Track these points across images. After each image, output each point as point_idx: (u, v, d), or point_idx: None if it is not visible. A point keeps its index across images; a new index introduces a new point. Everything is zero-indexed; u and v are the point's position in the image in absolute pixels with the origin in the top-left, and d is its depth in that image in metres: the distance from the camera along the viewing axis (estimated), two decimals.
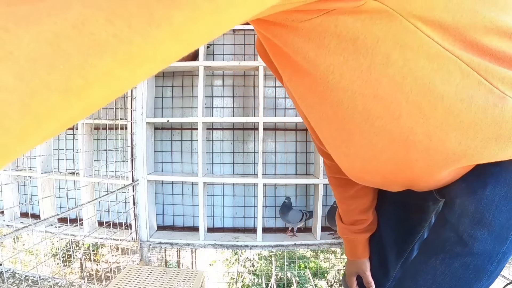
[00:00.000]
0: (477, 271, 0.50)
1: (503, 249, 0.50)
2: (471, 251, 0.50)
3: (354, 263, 0.78)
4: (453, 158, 0.45)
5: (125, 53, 0.17)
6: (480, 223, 0.49)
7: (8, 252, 2.26)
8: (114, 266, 1.80)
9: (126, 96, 1.74)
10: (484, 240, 0.49)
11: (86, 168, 1.80)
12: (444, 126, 0.42)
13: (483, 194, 0.49)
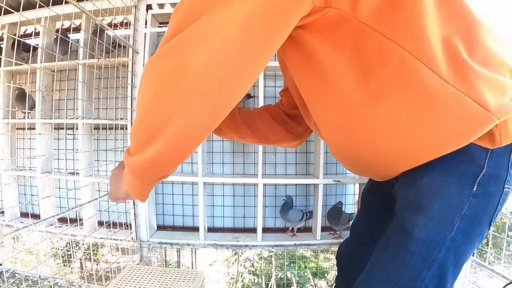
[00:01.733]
0: (424, 259, 0.51)
1: (450, 236, 0.50)
2: (413, 238, 0.51)
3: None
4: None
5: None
6: (418, 210, 0.51)
7: (8, 252, 2.26)
8: (114, 266, 1.79)
9: (126, 96, 1.74)
10: (424, 226, 0.51)
11: (86, 168, 1.80)
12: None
13: (420, 183, 0.51)
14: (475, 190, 0.50)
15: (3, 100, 1.96)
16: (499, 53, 0.50)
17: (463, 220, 0.50)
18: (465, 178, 0.50)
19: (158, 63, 0.41)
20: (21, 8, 1.09)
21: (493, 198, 0.51)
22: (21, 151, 2.16)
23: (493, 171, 0.50)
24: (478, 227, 0.52)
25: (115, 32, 1.64)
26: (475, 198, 0.50)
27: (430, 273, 0.51)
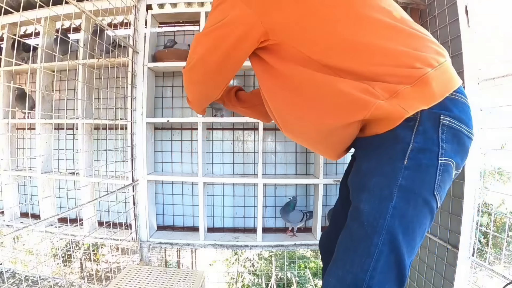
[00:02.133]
0: (373, 226, 0.60)
1: (392, 204, 0.59)
2: (361, 211, 0.62)
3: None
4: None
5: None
6: (362, 189, 0.63)
7: (8, 252, 2.26)
8: (114, 266, 1.79)
9: (126, 96, 1.74)
10: (368, 200, 0.61)
11: (86, 168, 1.80)
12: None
13: (361, 169, 0.65)
14: (406, 163, 0.58)
15: (3, 100, 1.96)
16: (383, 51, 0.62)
17: (400, 190, 0.58)
18: (396, 155, 0.59)
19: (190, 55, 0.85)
20: (21, 8, 1.09)
21: (428, 169, 0.59)
22: (21, 151, 2.16)
23: (420, 146, 0.58)
24: (419, 196, 0.58)
25: (115, 32, 1.64)
26: (407, 170, 0.58)
27: (381, 238, 0.59)
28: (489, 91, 1.16)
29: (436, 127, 0.59)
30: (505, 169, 1.94)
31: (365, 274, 0.59)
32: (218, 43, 0.74)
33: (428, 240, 1.41)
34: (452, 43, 1.24)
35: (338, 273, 0.64)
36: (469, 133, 0.66)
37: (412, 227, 0.59)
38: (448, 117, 0.60)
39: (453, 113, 0.61)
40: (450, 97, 0.62)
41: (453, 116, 0.61)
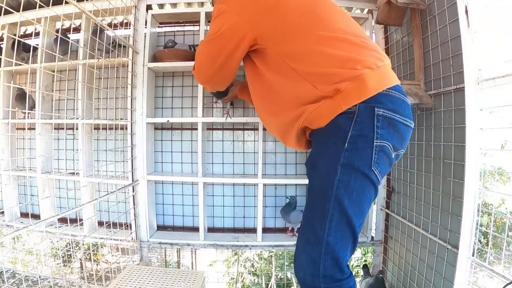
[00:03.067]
0: (324, 195, 0.77)
1: (337, 178, 0.75)
2: (314, 185, 0.82)
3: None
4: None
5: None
6: (313, 168, 0.82)
7: (8, 252, 2.26)
8: (114, 266, 1.79)
9: (126, 96, 1.74)
10: (318, 176, 0.80)
11: (86, 168, 1.80)
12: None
13: (312, 154, 0.86)
14: (347, 146, 0.75)
15: (3, 100, 1.96)
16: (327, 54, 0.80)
17: (343, 167, 0.75)
18: (338, 140, 0.76)
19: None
20: (21, 8, 1.09)
21: (365, 150, 0.75)
22: (21, 151, 2.16)
23: (358, 133, 0.75)
24: (358, 170, 0.75)
25: (115, 32, 1.64)
26: (347, 152, 0.75)
27: (331, 203, 0.76)
28: (489, 91, 1.16)
29: (372, 117, 0.74)
30: (505, 169, 1.94)
31: (323, 232, 0.77)
32: (219, 48, 0.92)
33: (428, 240, 1.41)
34: (452, 43, 1.24)
35: (304, 237, 0.83)
36: (404, 121, 0.80)
37: (356, 195, 0.75)
38: (382, 109, 0.75)
39: (387, 105, 0.76)
40: (384, 93, 0.77)
41: (386, 108, 0.76)
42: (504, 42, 1.24)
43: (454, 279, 1.21)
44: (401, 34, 1.64)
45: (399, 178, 1.68)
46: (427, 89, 1.41)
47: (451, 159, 1.27)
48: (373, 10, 1.79)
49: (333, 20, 0.85)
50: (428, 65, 1.42)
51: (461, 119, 1.20)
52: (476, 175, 1.18)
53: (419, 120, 1.49)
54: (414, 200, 1.54)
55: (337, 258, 0.77)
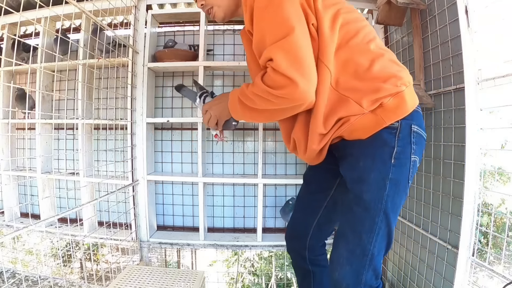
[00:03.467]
0: (374, 209, 0.79)
1: (385, 192, 0.78)
2: (364, 199, 0.79)
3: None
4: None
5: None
6: (362, 182, 0.80)
7: (8, 252, 2.26)
8: (114, 266, 1.79)
9: (126, 96, 1.74)
10: (368, 190, 0.79)
11: (86, 168, 1.80)
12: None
13: (359, 165, 0.81)
14: (393, 162, 0.78)
15: (3, 100, 1.96)
16: (373, 70, 0.77)
17: (391, 182, 0.78)
18: (386, 156, 0.78)
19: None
20: (21, 8, 1.09)
21: (405, 165, 0.80)
22: (21, 151, 2.16)
23: (401, 149, 0.78)
24: (401, 184, 0.80)
25: (115, 32, 1.63)
26: (394, 167, 0.78)
27: (380, 217, 0.79)
28: (489, 91, 1.16)
29: (409, 134, 0.79)
30: (505, 169, 1.94)
31: (370, 244, 0.80)
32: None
33: (428, 240, 1.41)
34: (452, 43, 1.24)
35: (349, 247, 0.83)
36: (425, 135, 0.86)
37: (397, 207, 0.82)
38: (416, 126, 0.81)
39: (418, 122, 0.82)
40: (415, 110, 0.82)
41: (417, 124, 0.81)
42: (504, 42, 1.24)
43: (454, 279, 1.21)
44: (401, 34, 1.64)
45: None
46: (427, 89, 1.41)
47: (451, 159, 1.27)
48: (373, 10, 1.79)
49: (365, 30, 0.82)
50: (428, 65, 1.42)
51: (461, 119, 1.20)
52: (476, 175, 1.18)
53: None
54: (414, 200, 1.54)
55: (376, 267, 0.82)
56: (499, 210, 3.17)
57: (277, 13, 0.71)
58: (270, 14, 0.71)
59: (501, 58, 1.20)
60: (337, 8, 0.79)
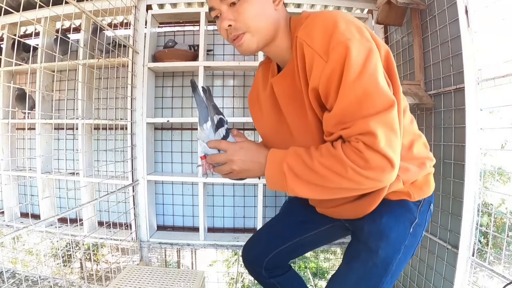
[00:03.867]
0: (385, 269, 0.78)
1: (398, 256, 0.78)
2: (378, 256, 0.77)
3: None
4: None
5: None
6: (382, 238, 0.77)
7: (8, 252, 2.26)
8: (114, 266, 1.79)
9: (126, 97, 1.74)
10: (385, 248, 0.77)
11: (86, 168, 1.79)
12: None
13: (381, 221, 0.78)
14: (411, 231, 0.80)
15: (3, 100, 1.96)
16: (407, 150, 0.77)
17: (405, 248, 0.79)
18: (407, 223, 0.80)
19: None
20: (21, 8, 1.09)
21: (418, 237, 0.83)
22: (21, 151, 2.16)
23: (419, 221, 0.81)
24: (409, 253, 0.81)
25: (115, 32, 1.63)
26: (410, 236, 0.80)
27: (388, 277, 0.79)
28: (489, 91, 1.16)
29: (427, 211, 0.84)
30: (505, 169, 1.94)
31: None
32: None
33: (428, 240, 1.41)
34: (452, 43, 1.24)
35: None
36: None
37: (399, 271, 0.82)
38: (432, 205, 0.86)
39: (433, 202, 0.87)
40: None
41: (433, 204, 0.87)
42: (504, 42, 1.24)
43: (454, 279, 1.21)
44: (401, 34, 1.64)
45: None
46: (427, 89, 1.41)
47: (451, 159, 1.27)
48: (373, 10, 1.79)
49: (408, 108, 0.81)
50: (428, 65, 1.42)
51: (461, 119, 1.20)
52: (476, 175, 1.18)
53: (419, 120, 1.49)
54: None
55: None
56: (499, 210, 3.16)
57: (375, 81, 0.59)
58: (366, 80, 0.59)
59: (501, 58, 1.20)
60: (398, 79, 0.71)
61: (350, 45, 0.59)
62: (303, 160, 0.65)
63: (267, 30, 0.72)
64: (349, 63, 0.59)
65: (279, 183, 0.69)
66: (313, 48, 0.63)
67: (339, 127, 0.62)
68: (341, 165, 0.60)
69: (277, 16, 0.73)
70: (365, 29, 0.65)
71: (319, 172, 0.63)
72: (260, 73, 0.90)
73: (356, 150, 0.59)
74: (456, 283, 1.21)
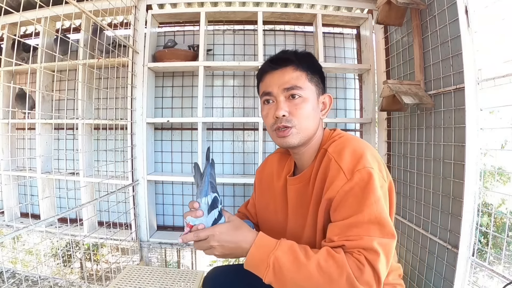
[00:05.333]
0: None
1: None
2: None
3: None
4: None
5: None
6: None
7: (8, 252, 2.26)
8: (114, 266, 1.79)
9: (126, 97, 1.74)
10: None
11: (86, 168, 1.79)
12: None
13: None
14: None
15: (3, 100, 1.96)
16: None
17: None
18: None
19: None
20: (21, 8, 1.09)
21: None
22: (21, 151, 2.16)
23: None
24: None
25: (115, 32, 1.63)
26: None
27: None
28: (489, 91, 1.16)
29: None
30: (505, 169, 1.94)
31: None
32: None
33: (428, 240, 1.41)
34: (452, 43, 1.24)
35: None
36: None
37: None
38: None
39: None
40: None
41: None
42: (504, 42, 1.24)
43: (454, 279, 1.21)
44: (401, 34, 1.64)
45: (399, 178, 1.68)
46: (427, 89, 1.41)
47: (451, 159, 1.27)
48: (373, 10, 1.79)
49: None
50: (428, 65, 1.42)
51: (461, 119, 1.20)
52: (476, 175, 1.18)
53: (419, 120, 1.49)
54: (414, 200, 1.54)
55: None
56: (499, 210, 3.17)
57: (385, 212, 0.67)
58: (380, 208, 0.66)
59: (501, 58, 1.20)
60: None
61: (373, 173, 0.67)
62: (296, 257, 0.65)
63: (310, 132, 0.79)
64: (372, 188, 0.66)
65: (258, 270, 0.67)
66: (340, 165, 0.70)
67: (342, 237, 0.66)
68: (339, 270, 0.61)
69: (319, 124, 0.82)
70: (383, 166, 0.74)
71: (310, 271, 0.62)
72: (276, 159, 0.96)
73: (357, 261, 0.62)
74: (456, 283, 1.21)
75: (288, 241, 0.69)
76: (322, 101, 0.82)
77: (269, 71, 0.82)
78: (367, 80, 1.89)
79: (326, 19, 1.84)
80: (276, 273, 0.65)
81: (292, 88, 0.76)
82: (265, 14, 1.81)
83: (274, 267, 0.65)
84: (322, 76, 0.84)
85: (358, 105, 2.02)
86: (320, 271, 0.62)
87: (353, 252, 0.64)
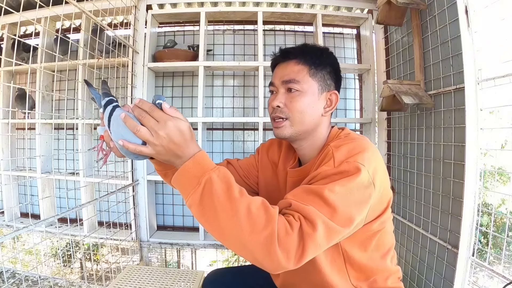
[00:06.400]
0: None
1: None
2: None
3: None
4: None
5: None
6: None
7: (8, 252, 2.26)
8: (114, 266, 1.79)
9: (126, 96, 1.74)
10: None
11: (86, 168, 1.79)
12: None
13: None
14: None
15: (3, 100, 1.96)
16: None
17: None
18: None
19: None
20: (21, 8, 1.09)
21: None
22: (21, 151, 2.16)
23: None
24: None
25: (115, 32, 1.63)
26: None
27: None
28: (489, 91, 1.16)
29: None
30: (505, 169, 1.94)
31: None
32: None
33: (428, 240, 1.41)
34: (452, 43, 1.24)
35: None
36: None
37: None
38: None
39: None
40: None
41: None
42: (504, 42, 1.24)
43: (454, 279, 1.21)
44: (401, 34, 1.64)
45: (399, 178, 1.68)
46: (427, 89, 1.41)
47: (451, 159, 1.27)
48: (373, 10, 1.79)
49: None
50: (428, 65, 1.42)
51: (461, 119, 1.20)
52: (476, 175, 1.18)
53: (419, 120, 1.49)
54: (414, 200, 1.54)
55: None
56: (499, 210, 3.16)
57: (351, 209, 0.61)
58: (346, 203, 0.61)
59: (501, 58, 1.20)
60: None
61: (362, 170, 0.62)
62: (230, 188, 0.57)
63: (305, 127, 0.78)
64: (351, 180, 0.61)
65: (186, 186, 0.59)
66: (334, 155, 0.67)
67: (295, 197, 0.62)
68: (266, 222, 0.54)
69: (320, 121, 0.80)
70: (383, 175, 0.69)
71: (238, 210, 0.55)
72: (286, 146, 0.93)
73: (288, 224, 0.56)
74: (456, 283, 1.21)
75: (227, 170, 0.61)
76: (328, 97, 0.80)
77: (277, 63, 0.84)
78: (367, 80, 1.89)
79: (326, 19, 1.84)
80: (204, 196, 0.56)
81: (290, 81, 0.77)
82: (265, 14, 1.81)
83: (204, 188, 0.56)
84: (334, 73, 0.82)
85: (358, 105, 2.02)
86: (247, 214, 0.54)
87: (293, 215, 0.58)
